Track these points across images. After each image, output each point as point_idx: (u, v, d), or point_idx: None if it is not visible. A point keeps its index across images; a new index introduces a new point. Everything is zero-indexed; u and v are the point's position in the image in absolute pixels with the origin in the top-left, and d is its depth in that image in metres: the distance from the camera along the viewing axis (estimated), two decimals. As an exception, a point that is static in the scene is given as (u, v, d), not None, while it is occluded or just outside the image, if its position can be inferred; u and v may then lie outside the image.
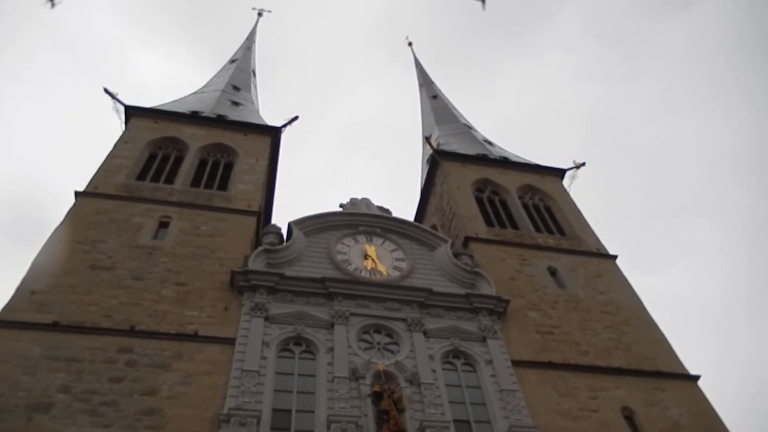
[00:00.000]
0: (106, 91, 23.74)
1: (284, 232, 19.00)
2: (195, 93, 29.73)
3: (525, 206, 24.35)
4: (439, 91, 40.62)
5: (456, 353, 15.74)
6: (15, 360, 12.46)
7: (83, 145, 71.21)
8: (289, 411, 13.15)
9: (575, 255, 21.29)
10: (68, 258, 15.57)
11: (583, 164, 27.02)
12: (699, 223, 73.33)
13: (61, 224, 16.75)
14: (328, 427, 12.60)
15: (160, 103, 25.68)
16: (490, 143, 30.93)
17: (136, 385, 12.60)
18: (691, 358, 18.06)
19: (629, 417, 15.15)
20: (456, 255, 19.36)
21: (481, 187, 25.08)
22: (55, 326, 13.45)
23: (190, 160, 21.64)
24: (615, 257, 21.79)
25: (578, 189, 47.16)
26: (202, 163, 22.02)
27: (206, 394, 12.77)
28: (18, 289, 14.22)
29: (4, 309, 13.59)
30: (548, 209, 24.66)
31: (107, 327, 13.78)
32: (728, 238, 69.41)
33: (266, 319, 15.10)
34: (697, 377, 16.95)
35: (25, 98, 70.41)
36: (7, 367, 12.30)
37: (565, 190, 26.17)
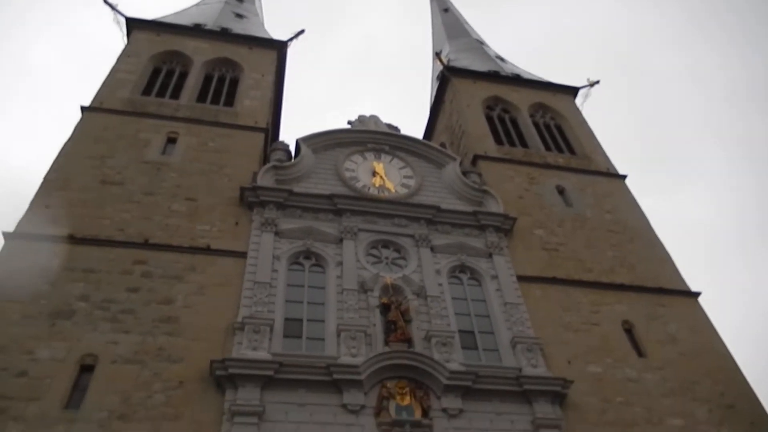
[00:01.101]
0: (105, 1, 22.96)
1: (292, 149, 18.94)
2: (197, 4, 28.67)
3: (536, 125, 24.00)
4: (451, 4, 38.99)
5: (462, 268, 16.08)
6: (35, 270, 12.84)
7: (87, 60, 69.78)
8: (300, 320, 13.66)
9: (584, 174, 21.21)
10: (79, 173, 15.67)
11: (597, 82, 26.35)
12: (708, 148, 72.28)
13: (69, 140, 16.72)
14: (338, 336, 13.13)
15: (162, 14, 24.86)
16: (502, 60, 30.03)
17: (153, 294, 13.06)
18: (693, 277, 18.39)
19: (629, 330, 15.66)
20: (464, 173, 19.33)
21: (491, 104, 24.62)
22: (70, 239, 13.76)
23: (195, 75, 21.23)
24: (624, 177, 21.70)
25: (590, 109, 46.20)
26: (208, 79, 21.62)
27: (220, 304, 13.23)
28: (32, 204, 14.45)
29: (20, 222, 13.88)
30: (559, 128, 24.30)
31: (121, 240, 14.10)
32: (736, 164, 68.64)
33: (276, 233, 15.36)
34: (697, 294, 17.33)
35: (22, 9, 68.23)
36: (28, 277, 12.70)
37: (578, 109, 25.67)
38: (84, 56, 70.66)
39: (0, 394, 10.59)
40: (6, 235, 13.44)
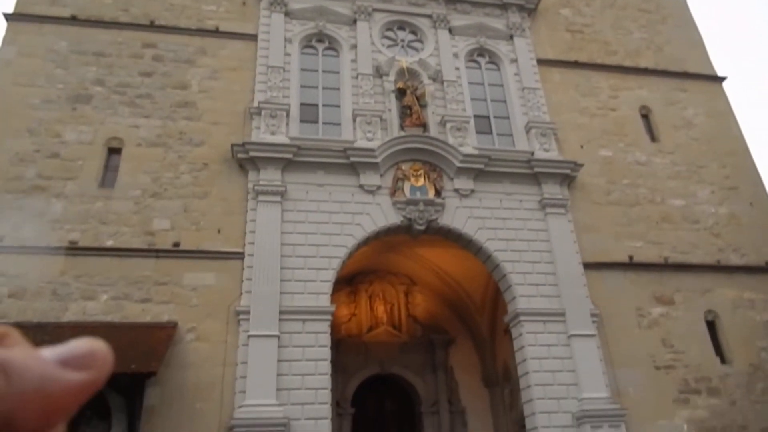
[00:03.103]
0: None
1: None
2: None
3: None
4: None
5: (481, 51, 15.50)
6: (44, 53, 12.67)
7: None
8: (315, 105, 13.71)
9: (622, -56, 19.08)
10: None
11: None
12: None
13: None
14: (354, 120, 13.28)
15: None
16: None
17: (167, 79, 12.99)
18: (723, 62, 17.59)
19: (646, 116, 15.60)
20: (489, -57, 17.46)
21: None
22: (74, 20, 13.26)
23: None
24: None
25: None
26: None
27: (235, 89, 13.21)
28: (28, -19, 13.64)
29: (18, 2, 13.28)
30: None
31: (127, 22, 13.57)
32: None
33: (286, 14, 14.59)
34: (722, 78, 16.83)
35: None
36: (38, 60, 12.58)
37: None
38: None
39: (39, 174, 11.28)
40: (7, 16, 12.98)
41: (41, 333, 9.19)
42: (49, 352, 0.34)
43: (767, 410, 12.14)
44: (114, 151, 12.03)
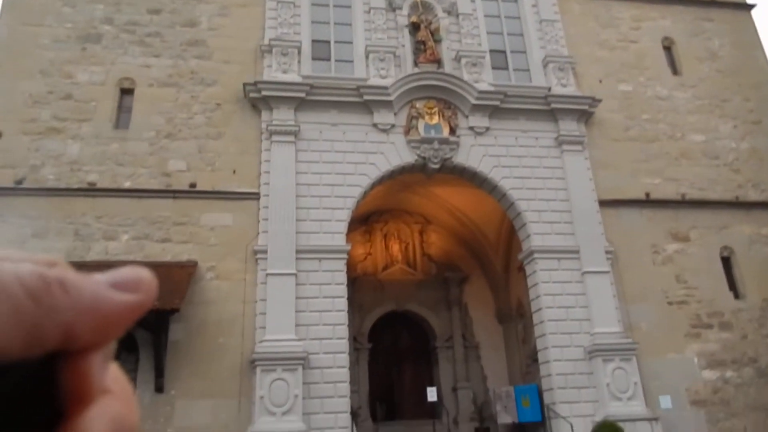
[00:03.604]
0: None
1: None
2: None
3: None
4: None
5: (498, -18, 14.90)
6: (50, -8, 12.43)
7: None
8: (327, 42, 13.40)
9: None
10: None
11: None
12: None
13: None
14: (367, 57, 13.00)
15: None
16: None
17: (176, 16, 12.73)
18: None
19: (668, 48, 15.07)
20: None
21: None
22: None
23: None
24: None
25: None
26: None
27: (245, 25, 12.92)
28: None
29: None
30: None
31: (131, -44, 13.18)
32: None
33: (295, -55, 14.06)
34: (751, 6, 16.09)
35: None
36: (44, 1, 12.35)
37: None
38: None
39: (54, 116, 11.31)
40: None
41: (67, 272, 9.45)
42: (100, 276, 0.36)
43: (778, 343, 12.31)
44: (126, 92, 11.98)
